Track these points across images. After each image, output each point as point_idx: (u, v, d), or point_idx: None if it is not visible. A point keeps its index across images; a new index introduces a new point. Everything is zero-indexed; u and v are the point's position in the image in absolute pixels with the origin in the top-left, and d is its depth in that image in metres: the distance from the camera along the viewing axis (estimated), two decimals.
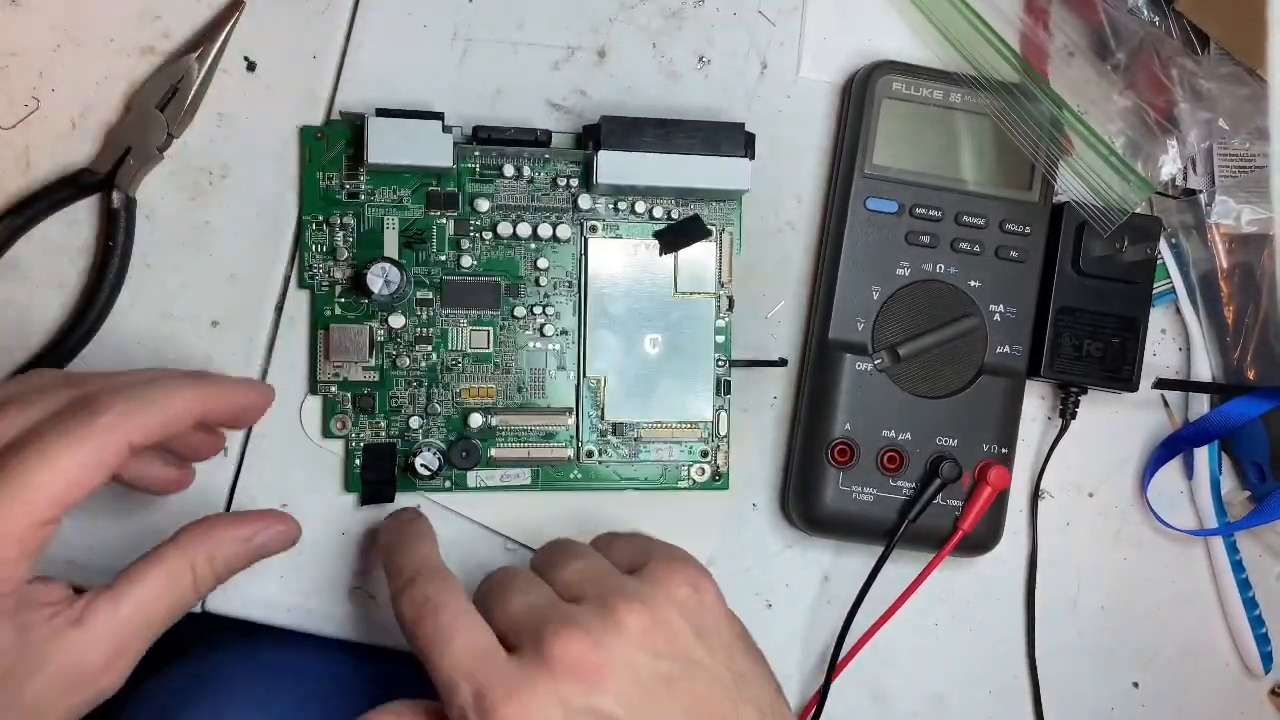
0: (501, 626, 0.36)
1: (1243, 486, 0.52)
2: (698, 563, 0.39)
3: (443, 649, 0.35)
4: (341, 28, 0.46)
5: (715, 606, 0.38)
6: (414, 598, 0.37)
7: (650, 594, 0.36)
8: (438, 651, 0.35)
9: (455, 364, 0.46)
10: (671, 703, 0.35)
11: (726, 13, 0.49)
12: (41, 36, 0.45)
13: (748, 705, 0.36)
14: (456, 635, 0.35)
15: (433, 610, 0.36)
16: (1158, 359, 0.52)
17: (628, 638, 0.35)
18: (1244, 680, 0.53)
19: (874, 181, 0.47)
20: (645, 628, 0.35)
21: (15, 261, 0.44)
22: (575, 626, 0.34)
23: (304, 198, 0.45)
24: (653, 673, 0.35)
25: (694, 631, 0.36)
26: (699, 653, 0.36)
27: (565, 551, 0.40)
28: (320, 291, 0.45)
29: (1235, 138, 0.49)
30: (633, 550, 0.40)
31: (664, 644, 0.35)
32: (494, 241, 0.46)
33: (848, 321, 0.47)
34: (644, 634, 0.35)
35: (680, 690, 0.35)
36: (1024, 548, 0.51)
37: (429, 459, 0.45)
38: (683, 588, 0.37)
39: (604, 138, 0.45)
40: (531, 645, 0.35)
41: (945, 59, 0.48)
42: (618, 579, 0.37)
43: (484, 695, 0.33)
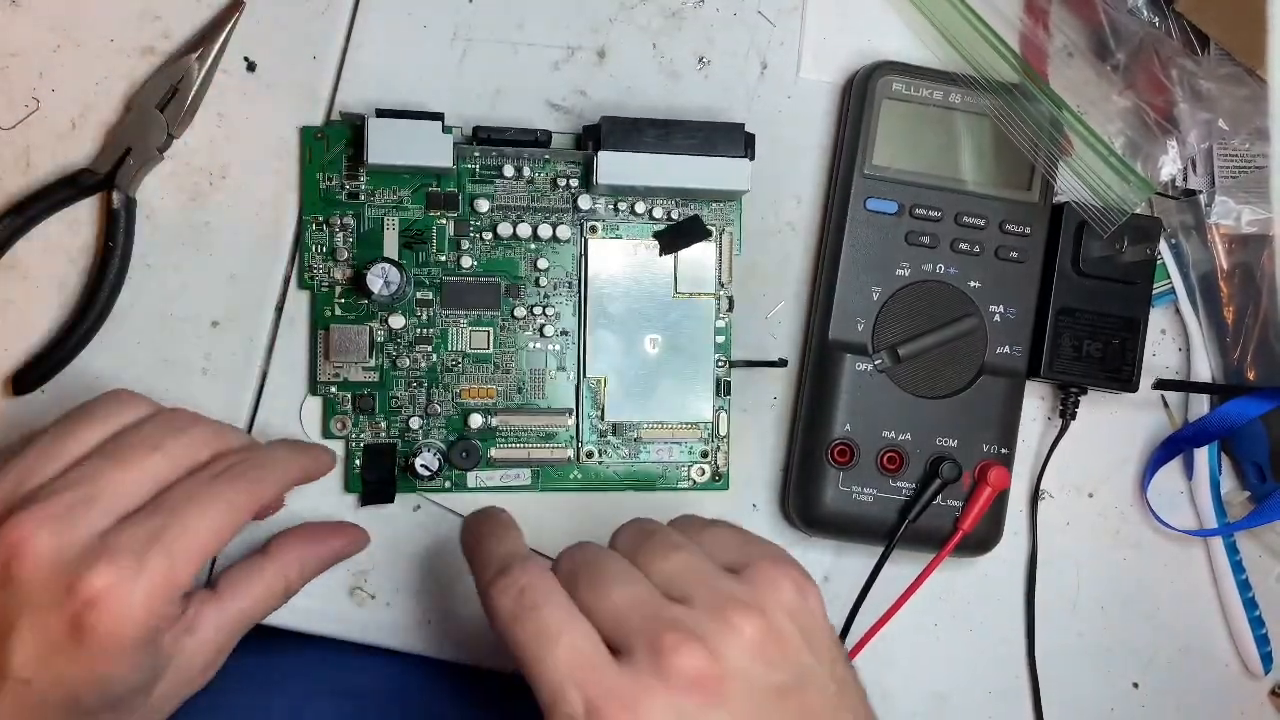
0: (602, 622, 0.34)
1: (1243, 487, 0.52)
2: (799, 564, 0.37)
3: (547, 649, 0.33)
4: (341, 28, 0.46)
5: (820, 611, 0.36)
6: (508, 588, 0.34)
7: (761, 599, 0.34)
8: (542, 651, 0.33)
9: (455, 364, 0.46)
10: (783, 714, 0.33)
11: (726, 13, 0.49)
12: (41, 36, 0.45)
13: (847, 714, 0.35)
14: (561, 634, 0.33)
15: (532, 605, 0.34)
16: (1158, 359, 0.52)
17: (744, 648, 0.33)
18: (1244, 680, 0.53)
19: (874, 181, 0.47)
20: (761, 637, 0.33)
21: (15, 261, 0.44)
22: (694, 637, 0.32)
23: (304, 198, 0.45)
24: (767, 684, 0.33)
25: (803, 638, 0.34)
26: (808, 661, 0.34)
27: (660, 540, 0.37)
28: (320, 292, 0.45)
29: (1235, 138, 0.49)
30: (732, 545, 0.37)
31: (777, 654, 0.33)
32: (494, 242, 0.46)
33: (848, 322, 0.47)
34: (760, 644, 0.33)
35: (791, 701, 0.33)
36: (1024, 548, 0.51)
37: (429, 459, 0.45)
38: (791, 592, 0.35)
39: (604, 138, 0.45)
40: (646, 653, 0.32)
41: (945, 59, 0.48)
42: (726, 581, 0.35)
43: (598, 708, 0.31)
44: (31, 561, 0.31)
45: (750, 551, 0.36)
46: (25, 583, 0.31)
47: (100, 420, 0.35)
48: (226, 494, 0.35)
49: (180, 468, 0.35)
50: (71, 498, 0.32)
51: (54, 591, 0.31)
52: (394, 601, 0.47)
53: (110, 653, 0.32)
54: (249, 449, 0.38)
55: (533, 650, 0.33)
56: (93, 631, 0.31)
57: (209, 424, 0.37)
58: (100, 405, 0.36)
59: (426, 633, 0.47)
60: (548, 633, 0.33)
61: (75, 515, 0.32)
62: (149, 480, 0.34)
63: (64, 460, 0.34)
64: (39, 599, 0.31)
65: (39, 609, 0.31)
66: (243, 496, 0.35)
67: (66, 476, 0.33)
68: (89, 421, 0.35)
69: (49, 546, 0.31)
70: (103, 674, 0.32)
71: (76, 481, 0.33)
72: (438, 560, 0.47)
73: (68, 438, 0.35)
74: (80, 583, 0.31)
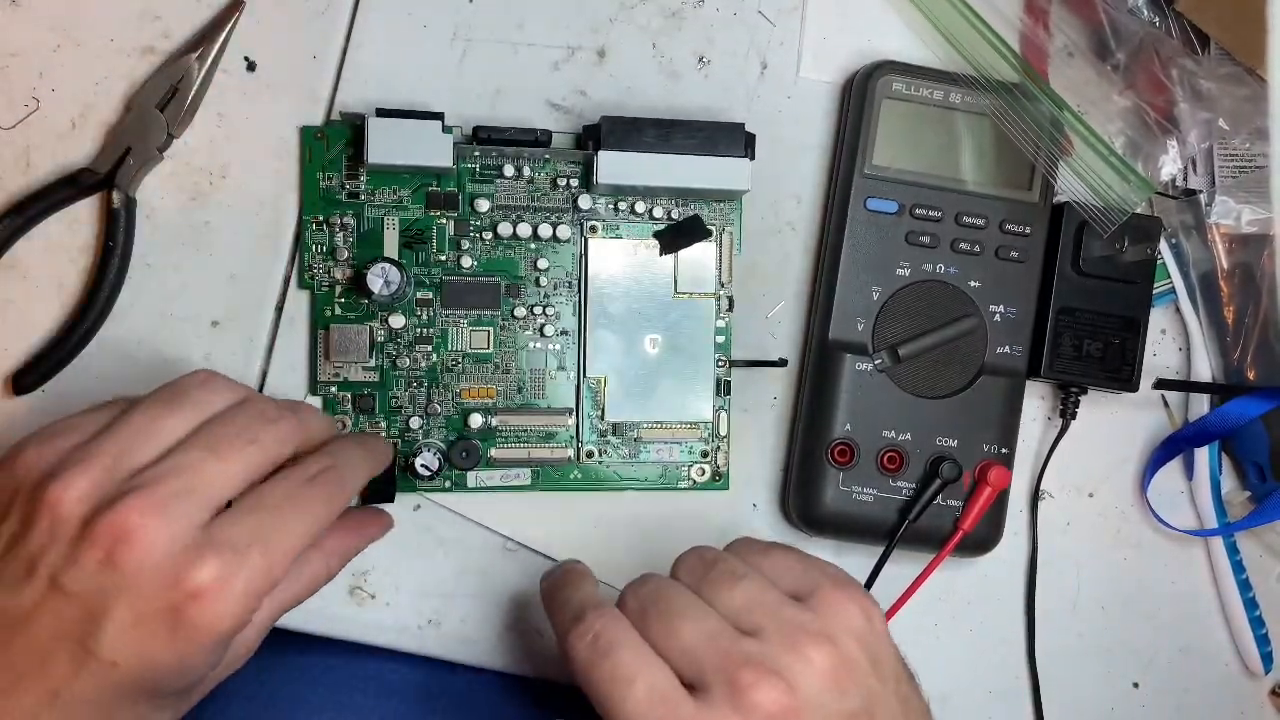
0: (675, 659, 0.34)
1: (1243, 486, 0.52)
2: (863, 588, 0.37)
3: (624, 692, 0.33)
4: (341, 28, 0.46)
5: (884, 634, 0.37)
6: (583, 634, 0.35)
7: (830, 628, 0.35)
8: (619, 695, 0.34)
9: (455, 364, 0.46)
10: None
11: (726, 13, 0.49)
12: (41, 36, 0.45)
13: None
14: (638, 677, 0.34)
15: (607, 648, 0.35)
16: (1158, 359, 0.52)
17: (817, 678, 0.34)
18: (1244, 680, 0.53)
19: (874, 181, 0.47)
20: (833, 666, 0.34)
21: (15, 261, 0.44)
22: (769, 671, 0.33)
23: (304, 198, 0.45)
24: (839, 711, 0.34)
25: (870, 663, 0.35)
26: (876, 685, 0.35)
27: (723, 570, 0.37)
28: (320, 291, 0.45)
29: (1235, 138, 0.49)
30: (795, 572, 0.38)
31: (849, 681, 0.34)
32: (494, 242, 0.46)
33: (848, 321, 0.47)
34: (832, 673, 0.34)
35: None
36: (1024, 548, 0.51)
37: (429, 459, 0.45)
38: (858, 618, 0.36)
39: (604, 138, 0.45)
40: (724, 690, 0.33)
41: (945, 59, 0.48)
42: (794, 609, 0.35)
43: None
44: (140, 549, 0.31)
45: (814, 577, 0.37)
46: (130, 569, 0.31)
47: (193, 404, 0.36)
48: (320, 498, 0.36)
49: (270, 460, 0.36)
50: (175, 486, 0.33)
51: (159, 581, 0.32)
52: (394, 601, 0.47)
53: (201, 644, 0.33)
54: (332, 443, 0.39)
55: (611, 694, 0.34)
56: (191, 623, 0.32)
57: (293, 413, 0.38)
58: (191, 387, 0.36)
59: (426, 633, 0.47)
60: (624, 676, 0.34)
61: (180, 505, 0.32)
62: (244, 473, 0.35)
63: (160, 442, 0.34)
64: (141, 586, 0.31)
65: (139, 596, 0.31)
66: (333, 502, 0.37)
67: (167, 463, 0.33)
68: (181, 403, 0.35)
69: (158, 536, 0.32)
70: (187, 664, 0.33)
71: (178, 470, 0.33)
72: (438, 560, 0.47)
73: (162, 418, 0.35)
74: (188, 576, 0.32)
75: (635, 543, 0.48)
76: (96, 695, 0.32)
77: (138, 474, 0.33)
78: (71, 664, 0.32)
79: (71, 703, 0.32)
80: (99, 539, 0.31)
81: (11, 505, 0.33)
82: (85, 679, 0.32)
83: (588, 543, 0.47)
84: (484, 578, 0.47)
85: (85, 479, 0.32)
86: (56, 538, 0.32)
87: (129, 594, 0.31)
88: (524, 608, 0.47)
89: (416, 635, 0.47)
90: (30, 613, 0.32)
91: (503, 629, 0.47)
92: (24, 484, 0.33)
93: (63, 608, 0.32)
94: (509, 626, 0.47)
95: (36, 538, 0.32)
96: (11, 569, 0.32)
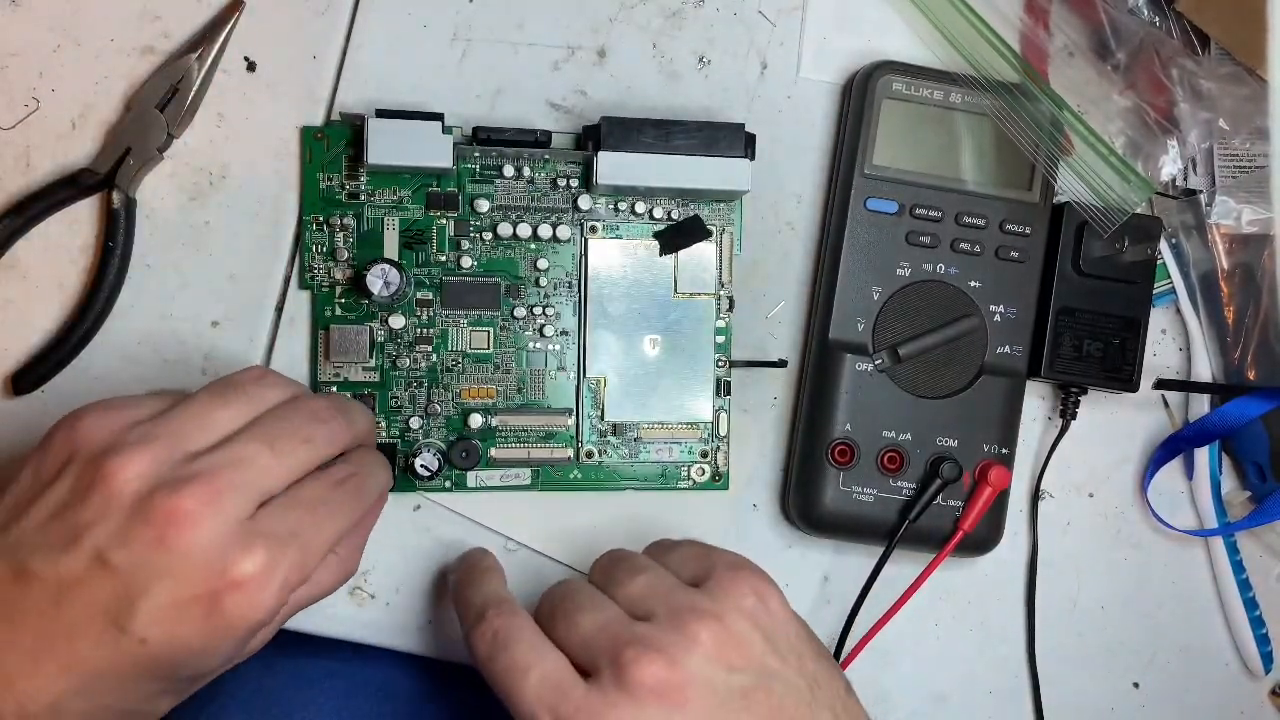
0: (573, 649, 0.36)
1: (1243, 486, 0.52)
2: (760, 569, 0.38)
3: (519, 681, 0.35)
4: (341, 28, 0.46)
5: (781, 612, 0.37)
6: (484, 633, 0.37)
7: (719, 607, 0.36)
8: (515, 684, 0.35)
9: (455, 364, 0.46)
10: (751, 715, 0.35)
11: (726, 13, 0.49)
12: (41, 36, 0.45)
13: (823, 710, 0.36)
14: (532, 667, 0.35)
15: (504, 643, 0.36)
16: (1158, 359, 0.52)
17: (703, 654, 0.35)
18: (1244, 680, 0.53)
19: (874, 181, 0.47)
20: (718, 643, 0.35)
21: (15, 261, 0.44)
22: (653, 649, 0.34)
23: (304, 198, 0.45)
24: (729, 687, 0.35)
25: (765, 640, 0.36)
26: (772, 662, 0.36)
27: (626, 565, 0.39)
28: (320, 292, 0.45)
29: (1235, 138, 0.49)
30: (693, 560, 0.39)
31: (738, 657, 0.35)
32: (494, 242, 0.46)
33: (848, 321, 0.47)
34: (718, 649, 0.35)
35: (757, 702, 0.35)
36: (1024, 548, 0.51)
37: (429, 459, 0.45)
38: (749, 597, 0.37)
39: (604, 138, 0.45)
40: (610, 670, 0.34)
41: (945, 59, 0.48)
42: (685, 593, 0.37)
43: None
44: (191, 534, 0.32)
45: (711, 563, 0.38)
46: (180, 553, 0.32)
47: (248, 398, 0.36)
48: (351, 502, 0.37)
49: (319, 460, 0.37)
50: (232, 477, 0.33)
51: (204, 567, 0.32)
52: (394, 601, 0.47)
53: (232, 633, 0.33)
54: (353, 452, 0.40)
55: (507, 685, 0.35)
56: (227, 612, 0.32)
57: (343, 413, 0.38)
58: (246, 382, 0.37)
59: (427, 633, 0.47)
60: (519, 667, 0.35)
61: (233, 496, 0.33)
62: (293, 470, 0.35)
63: (216, 431, 0.35)
64: (185, 570, 0.32)
65: (182, 579, 0.32)
66: (358, 507, 0.38)
67: (225, 453, 0.34)
68: (237, 397, 0.36)
69: (211, 523, 0.32)
70: (212, 650, 0.33)
71: (234, 462, 0.34)
72: (438, 560, 0.47)
73: (218, 409, 0.35)
74: (234, 565, 0.32)
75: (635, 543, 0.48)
76: (117, 671, 0.32)
77: (195, 459, 0.34)
78: (101, 639, 0.32)
79: (92, 675, 0.32)
80: (154, 519, 0.32)
81: (64, 470, 0.33)
82: (111, 655, 0.32)
83: (588, 542, 0.47)
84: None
85: (145, 458, 0.33)
86: (109, 512, 0.32)
87: (172, 576, 0.32)
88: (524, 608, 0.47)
89: (416, 635, 0.47)
90: (69, 583, 0.32)
91: None
92: (80, 452, 0.33)
93: (103, 582, 0.32)
94: None
95: (88, 509, 0.32)
96: (56, 536, 0.32)
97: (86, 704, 0.33)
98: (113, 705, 0.33)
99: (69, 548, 0.32)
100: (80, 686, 0.32)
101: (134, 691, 0.33)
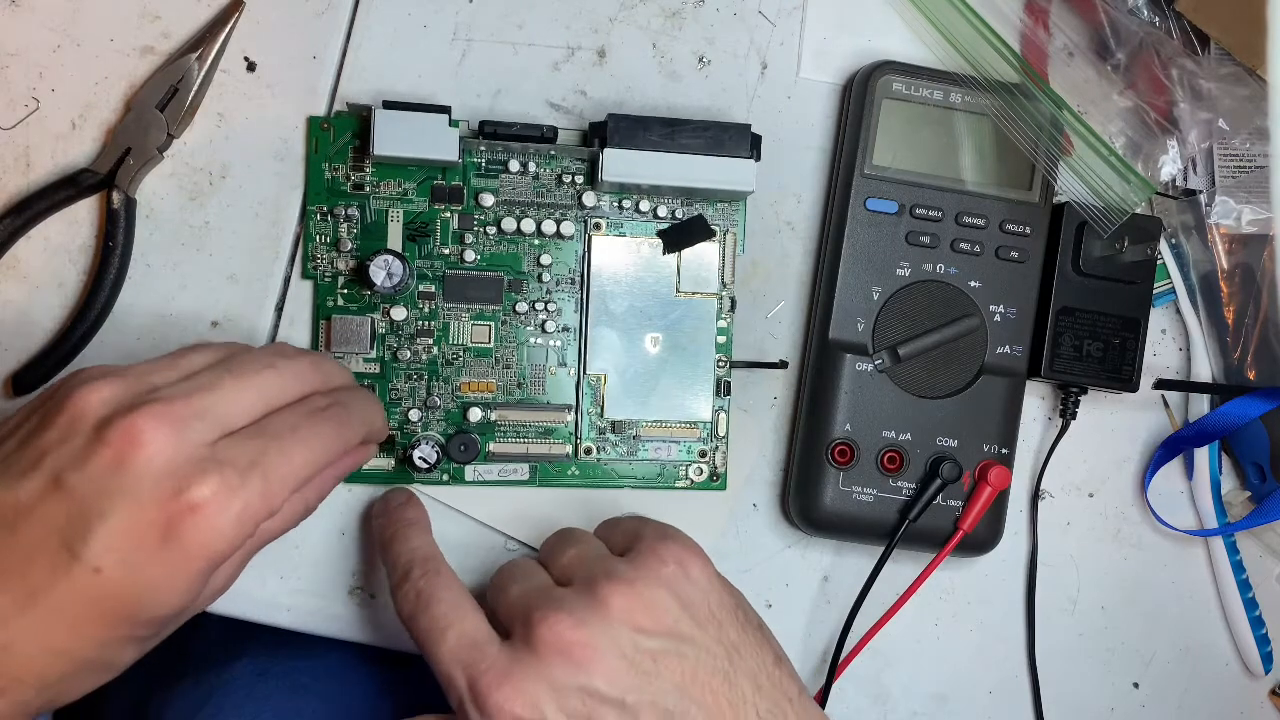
0: (501, 615, 0.38)
1: (1243, 486, 0.52)
2: (687, 539, 0.39)
3: (438, 640, 0.36)
4: (341, 28, 0.47)
5: (702, 580, 0.38)
6: (408, 592, 0.39)
7: (635, 573, 0.37)
8: (434, 643, 0.37)
9: (456, 358, 0.46)
10: (662, 679, 0.35)
11: (726, 13, 0.49)
12: (41, 36, 0.45)
13: (743, 678, 0.37)
14: (450, 626, 0.37)
15: (426, 603, 0.38)
16: (1158, 359, 0.52)
17: (611, 617, 0.36)
18: (1244, 680, 0.53)
19: (874, 181, 0.47)
20: (628, 606, 0.36)
21: (15, 261, 0.44)
22: (558, 609, 0.36)
23: (309, 187, 0.45)
24: (638, 649, 0.36)
25: (680, 607, 0.37)
26: (687, 628, 0.37)
27: (564, 539, 0.41)
28: (323, 282, 0.45)
29: (1235, 138, 0.49)
30: (627, 533, 0.41)
31: (648, 621, 0.36)
32: (498, 236, 0.46)
33: (848, 321, 0.47)
34: (627, 612, 0.36)
35: (669, 666, 0.36)
36: (1024, 548, 0.51)
37: (427, 452, 0.45)
38: (669, 565, 0.38)
39: (610, 135, 0.45)
40: (521, 631, 0.36)
41: (945, 59, 0.48)
42: (607, 561, 0.38)
43: (476, 681, 0.35)
44: (148, 453, 0.32)
45: (641, 533, 0.39)
46: (135, 474, 0.32)
47: (215, 348, 0.37)
48: (323, 430, 0.36)
49: (288, 390, 0.36)
50: (192, 403, 0.33)
51: (160, 490, 0.32)
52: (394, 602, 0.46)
53: (189, 563, 0.32)
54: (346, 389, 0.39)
55: (429, 642, 0.37)
56: (183, 538, 0.32)
57: (315, 354, 0.39)
58: (215, 341, 0.38)
59: None
60: (439, 626, 0.37)
61: (194, 421, 0.33)
62: (260, 398, 0.35)
63: (183, 370, 0.35)
64: (142, 493, 0.32)
65: (138, 503, 0.31)
66: (334, 440, 0.37)
67: (188, 382, 0.34)
68: (207, 346, 0.37)
69: (168, 445, 0.32)
70: (172, 586, 0.33)
71: (196, 389, 0.34)
72: None
73: (189, 355, 0.36)
74: (189, 488, 0.32)
75: None
76: (72, 604, 0.31)
77: (158, 388, 0.34)
78: (55, 565, 0.31)
79: (46, 609, 0.31)
80: (112, 440, 0.32)
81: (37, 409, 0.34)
82: (65, 584, 0.31)
83: None
84: (483, 577, 0.47)
85: (109, 388, 0.33)
86: (71, 435, 0.32)
87: (128, 499, 0.31)
88: None
89: None
90: (25, 508, 0.32)
91: None
92: (57, 392, 0.34)
93: (58, 506, 0.31)
94: None
95: (51, 435, 0.32)
96: (17, 463, 0.32)
97: (40, 646, 0.32)
98: (69, 650, 0.32)
99: (28, 472, 0.32)
100: (35, 626, 0.31)
101: (91, 634, 0.32)
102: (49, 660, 0.32)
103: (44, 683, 0.32)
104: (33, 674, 0.32)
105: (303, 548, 0.46)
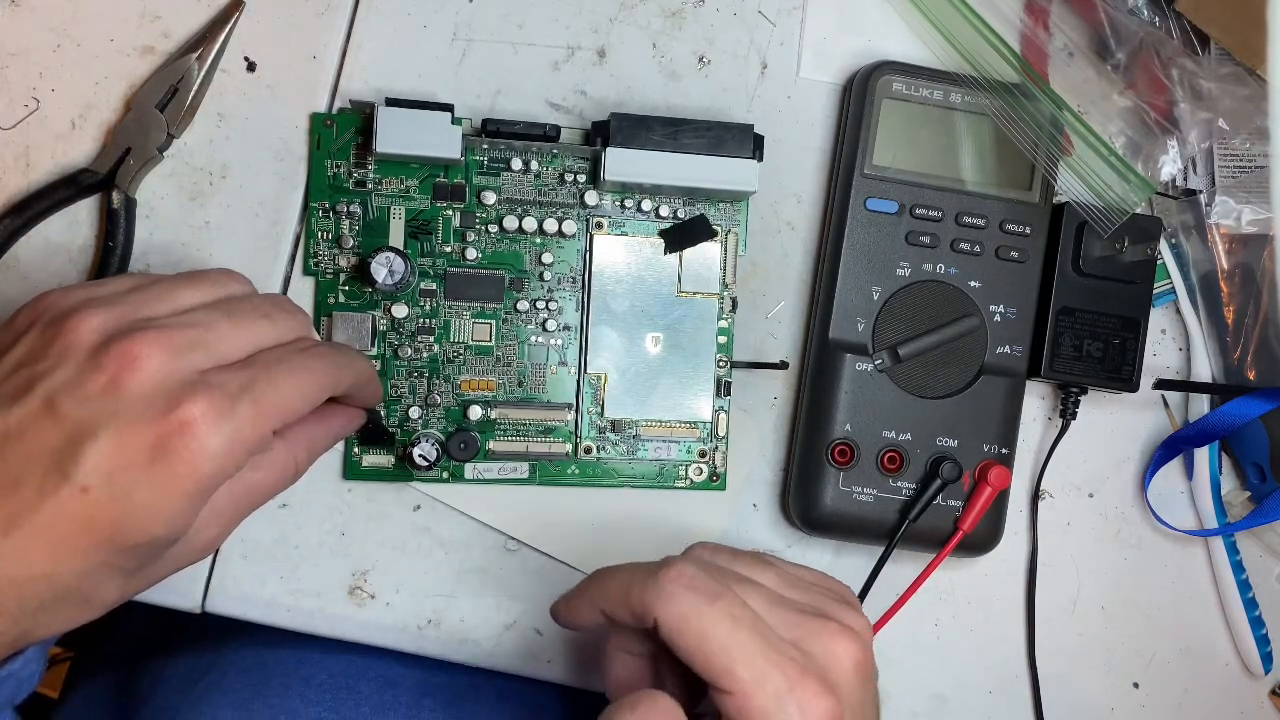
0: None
1: (1243, 487, 0.52)
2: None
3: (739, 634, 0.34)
4: (341, 28, 0.47)
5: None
6: (677, 576, 0.35)
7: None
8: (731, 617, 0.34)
9: (457, 356, 0.46)
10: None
11: (726, 13, 0.49)
12: (41, 36, 0.45)
13: None
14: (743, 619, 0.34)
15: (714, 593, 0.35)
16: (1158, 359, 0.52)
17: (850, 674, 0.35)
18: (1244, 680, 0.53)
19: (874, 181, 0.47)
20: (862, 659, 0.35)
21: (15, 261, 0.44)
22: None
23: (311, 184, 0.45)
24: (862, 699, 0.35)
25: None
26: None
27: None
28: (324, 279, 0.45)
29: (1235, 138, 0.49)
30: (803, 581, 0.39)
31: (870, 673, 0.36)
32: (499, 235, 0.46)
33: (848, 321, 0.47)
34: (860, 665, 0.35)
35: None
36: (1024, 548, 0.51)
37: (427, 449, 0.45)
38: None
39: (613, 134, 0.45)
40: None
41: (945, 59, 0.48)
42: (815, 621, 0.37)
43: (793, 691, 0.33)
44: (142, 374, 0.32)
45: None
46: (128, 393, 0.32)
47: (211, 283, 0.37)
48: (313, 366, 0.36)
49: (280, 340, 0.36)
50: (187, 334, 0.33)
51: (151, 409, 0.32)
52: (394, 601, 0.46)
53: (177, 485, 0.32)
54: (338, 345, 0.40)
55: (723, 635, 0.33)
56: (173, 457, 0.32)
57: (307, 315, 0.39)
58: (215, 272, 0.37)
59: (426, 633, 0.47)
60: (734, 618, 0.34)
61: (186, 350, 0.33)
62: (252, 341, 0.35)
63: (176, 305, 0.35)
64: (134, 412, 0.31)
65: (130, 422, 0.31)
66: (326, 375, 0.37)
67: (182, 317, 0.34)
68: (201, 281, 0.37)
69: (161, 365, 0.32)
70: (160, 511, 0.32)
71: (191, 323, 0.34)
72: (437, 560, 0.47)
73: (181, 289, 0.36)
74: (180, 407, 0.32)
75: (635, 541, 0.48)
76: (55, 526, 0.31)
77: (153, 319, 0.34)
78: (42, 486, 0.31)
79: (28, 530, 0.31)
80: (106, 364, 0.32)
81: (24, 335, 0.34)
82: (51, 505, 0.31)
83: (587, 541, 0.47)
84: (483, 577, 0.47)
85: (104, 315, 0.33)
86: (64, 361, 0.32)
87: (118, 420, 0.31)
88: (524, 607, 0.47)
89: (416, 635, 0.47)
90: (16, 431, 0.31)
91: (502, 629, 0.47)
92: (42, 318, 0.34)
93: (51, 430, 0.31)
94: (508, 626, 0.47)
95: (45, 361, 0.32)
96: (8, 387, 0.32)
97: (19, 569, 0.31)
98: (48, 574, 0.31)
99: (21, 396, 0.32)
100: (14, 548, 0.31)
101: (72, 558, 0.32)
102: (26, 586, 0.31)
103: (21, 609, 0.32)
104: (11, 599, 0.31)
105: (303, 548, 0.46)
